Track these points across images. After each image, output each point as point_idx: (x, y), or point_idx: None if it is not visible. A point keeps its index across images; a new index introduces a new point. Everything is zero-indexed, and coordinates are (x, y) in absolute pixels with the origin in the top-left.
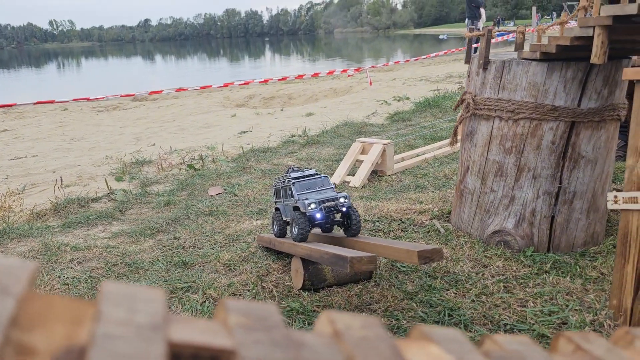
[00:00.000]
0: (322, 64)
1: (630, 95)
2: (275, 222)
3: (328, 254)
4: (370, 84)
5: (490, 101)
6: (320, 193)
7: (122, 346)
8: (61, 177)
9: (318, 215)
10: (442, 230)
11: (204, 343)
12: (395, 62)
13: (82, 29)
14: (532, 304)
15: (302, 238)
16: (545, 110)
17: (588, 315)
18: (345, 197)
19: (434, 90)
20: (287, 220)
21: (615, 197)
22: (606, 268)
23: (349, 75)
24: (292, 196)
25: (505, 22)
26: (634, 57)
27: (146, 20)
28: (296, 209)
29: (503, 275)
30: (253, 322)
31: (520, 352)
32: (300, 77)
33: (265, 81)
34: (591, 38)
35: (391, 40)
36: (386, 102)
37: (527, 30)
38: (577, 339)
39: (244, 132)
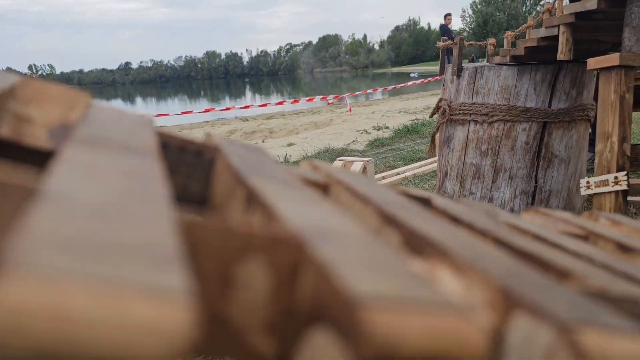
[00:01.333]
0: (302, 101)
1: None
2: None
3: None
4: (350, 110)
5: (465, 106)
6: None
7: (111, 129)
8: None
9: None
10: None
11: (191, 139)
12: (374, 94)
13: (62, 72)
14: None
15: None
16: (517, 112)
17: None
18: None
19: (413, 120)
20: None
21: (588, 182)
22: None
23: (328, 103)
24: None
25: (479, 59)
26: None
27: (126, 64)
28: None
29: None
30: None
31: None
32: (280, 103)
33: (246, 107)
34: (557, 37)
35: (369, 79)
36: (366, 131)
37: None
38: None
39: None
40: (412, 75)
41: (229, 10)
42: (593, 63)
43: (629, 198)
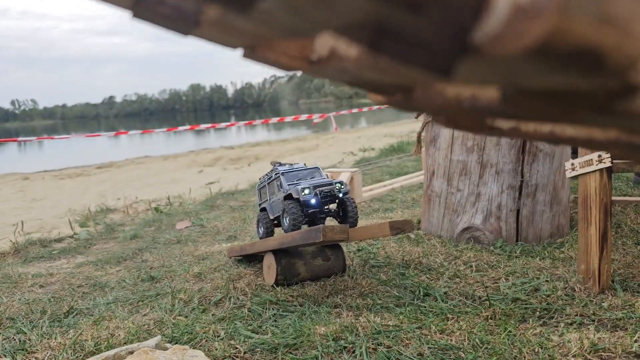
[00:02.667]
0: (288, 131)
1: None
2: (260, 224)
3: (300, 232)
4: (336, 129)
5: None
6: (314, 180)
7: None
8: (22, 222)
9: (313, 201)
10: (412, 236)
11: None
12: (359, 122)
13: (45, 107)
14: (504, 280)
15: (295, 227)
16: None
17: (559, 284)
18: (342, 183)
19: (398, 140)
20: (274, 218)
21: (572, 164)
22: (573, 252)
23: (314, 123)
24: (281, 187)
25: None
26: None
27: (110, 97)
28: (288, 197)
29: (475, 262)
30: None
31: None
32: (266, 121)
33: (231, 125)
34: None
35: (354, 108)
36: (352, 152)
37: None
38: None
39: (212, 182)
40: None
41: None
42: None
43: (614, 198)
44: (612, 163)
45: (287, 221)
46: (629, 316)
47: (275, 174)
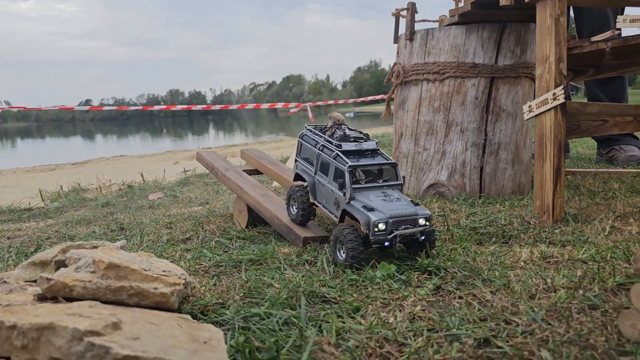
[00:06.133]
0: (266, 138)
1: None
2: (293, 201)
3: (281, 223)
4: (312, 119)
5: (417, 66)
6: (389, 201)
7: None
8: None
9: (386, 244)
10: None
11: None
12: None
13: (19, 110)
14: (464, 220)
15: (355, 262)
16: (467, 68)
17: (516, 220)
18: (427, 218)
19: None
20: (315, 202)
21: (530, 106)
22: (530, 202)
23: (290, 112)
24: (342, 187)
25: None
26: None
27: (87, 101)
28: (346, 215)
29: (439, 210)
30: None
31: None
32: (242, 107)
33: (208, 107)
34: None
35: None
36: None
37: None
38: None
39: (188, 170)
40: (348, 115)
41: (191, 51)
42: None
43: (576, 169)
44: (565, 99)
45: (343, 255)
46: (579, 238)
47: (338, 155)
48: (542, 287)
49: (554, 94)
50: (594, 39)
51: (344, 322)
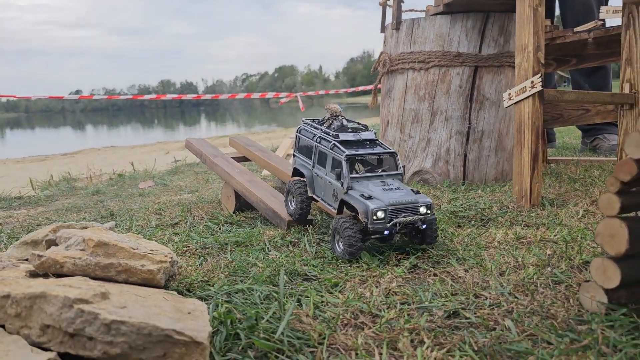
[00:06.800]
0: (258, 128)
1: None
2: (292, 196)
3: (267, 207)
4: (302, 109)
5: (403, 55)
6: (389, 189)
7: None
8: None
9: (385, 233)
10: None
11: None
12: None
13: (8, 100)
14: (446, 205)
15: (352, 254)
16: (451, 57)
17: (495, 204)
18: (428, 206)
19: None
20: (313, 196)
21: (509, 94)
22: (512, 188)
23: (281, 102)
24: (339, 177)
25: None
26: None
27: (77, 91)
28: (344, 205)
29: None
30: None
31: None
32: (233, 96)
33: (198, 97)
34: None
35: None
36: None
37: None
38: None
39: (178, 160)
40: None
41: (182, 40)
42: None
43: (559, 158)
44: (542, 87)
45: (340, 247)
46: (553, 221)
47: (335, 145)
48: (513, 265)
49: (532, 82)
50: (576, 29)
51: (322, 297)
